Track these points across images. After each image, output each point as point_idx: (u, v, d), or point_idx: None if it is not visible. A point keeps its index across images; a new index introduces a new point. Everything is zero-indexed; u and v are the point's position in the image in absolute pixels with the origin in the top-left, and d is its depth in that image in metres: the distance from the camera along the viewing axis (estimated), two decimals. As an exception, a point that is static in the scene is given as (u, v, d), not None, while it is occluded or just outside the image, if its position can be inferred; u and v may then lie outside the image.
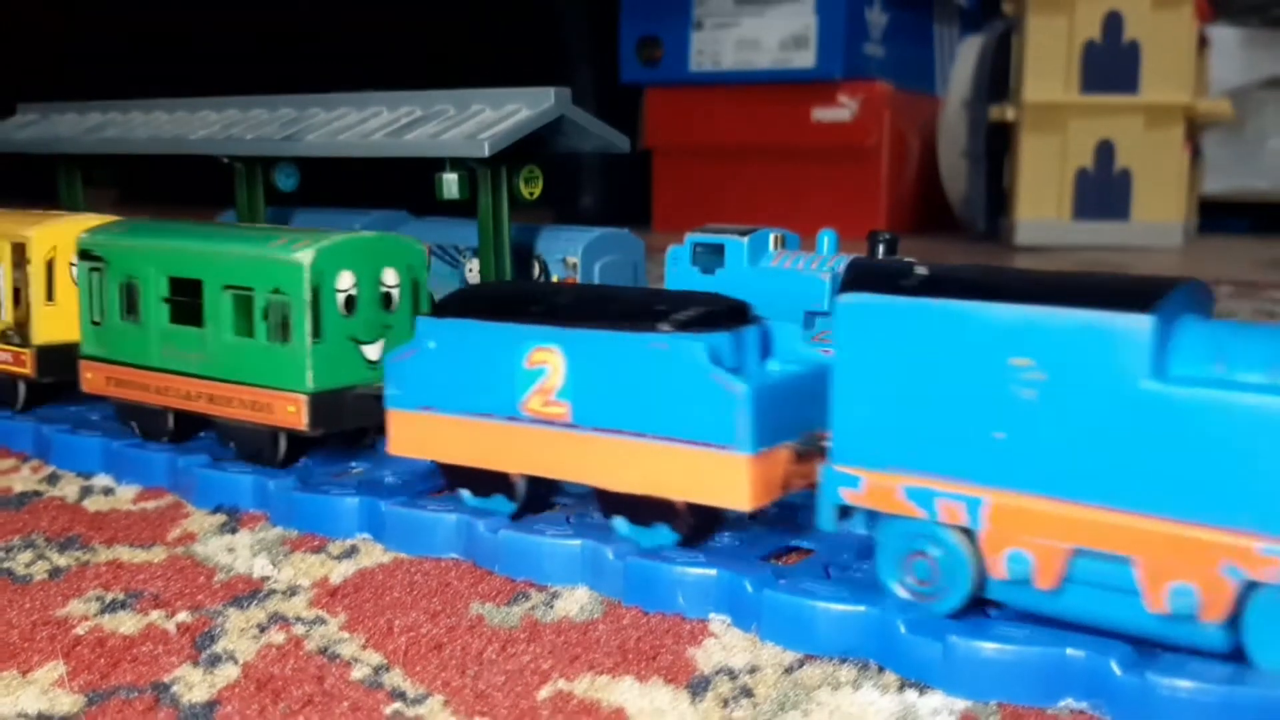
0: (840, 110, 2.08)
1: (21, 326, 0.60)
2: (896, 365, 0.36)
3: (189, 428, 0.56)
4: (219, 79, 1.09)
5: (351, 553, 0.45)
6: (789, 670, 0.35)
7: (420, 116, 0.55)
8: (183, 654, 0.37)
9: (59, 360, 0.60)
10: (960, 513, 0.35)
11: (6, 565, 0.44)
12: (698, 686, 0.34)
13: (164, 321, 0.54)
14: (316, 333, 0.49)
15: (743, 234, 0.58)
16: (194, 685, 0.34)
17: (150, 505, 0.51)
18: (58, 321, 0.60)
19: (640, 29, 2.18)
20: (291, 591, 0.42)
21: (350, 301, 0.50)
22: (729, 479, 0.39)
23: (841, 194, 2.09)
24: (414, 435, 0.46)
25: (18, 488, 0.54)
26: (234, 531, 0.48)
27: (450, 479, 0.47)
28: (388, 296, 0.51)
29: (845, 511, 0.38)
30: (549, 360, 0.43)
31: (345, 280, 0.50)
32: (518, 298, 0.45)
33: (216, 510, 0.50)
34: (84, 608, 0.40)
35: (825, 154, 2.10)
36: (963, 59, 2.03)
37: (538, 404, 0.43)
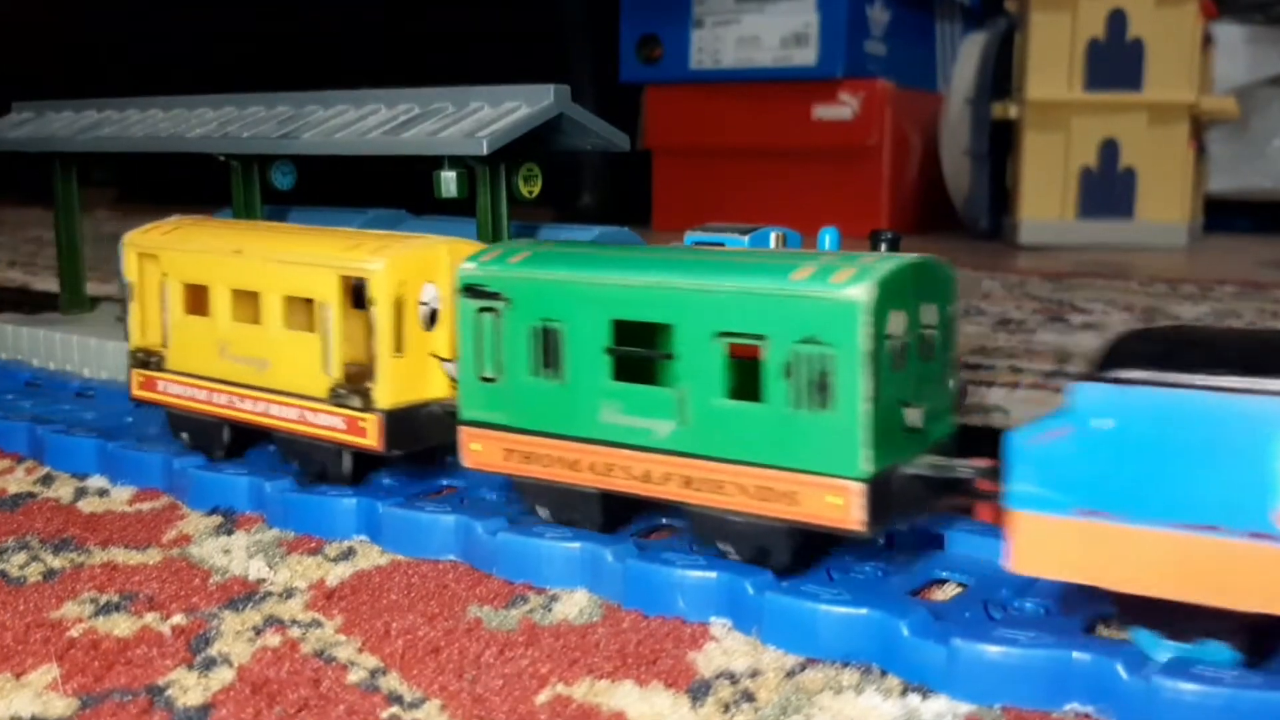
0: (842, 108, 2.08)
1: (358, 384, 0.47)
2: None
3: (626, 512, 0.45)
4: (217, 77, 1.08)
5: (348, 554, 0.45)
6: (791, 674, 0.35)
7: (418, 114, 0.55)
8: (177, 657, 0.36)
9: (409, 427, 0.47)
10: None
11: (0, 567, 0.44)
12: (698, 691, 0.34)
13: (604, 378, 0.42)
14: (875, 395, 0.37)
15: (744, 232, 0.58)
16: (189, 689, 0.34)
17: (145, 507, 0.51)
18: (407, 378, 0.47)
19: (640, 28, 2.18)
20: (288, 594, 0.41)
21: (903, 351, 0.38)
22: None
23: (843, 192, 2.09)
24: (1064, 550, 0.33)
25: (12, 489, 0.54)
26: (230, 533, 0.47)
27: (1127, 612, 0.34)
28: (925, 342, 0.40)
29: None
30: None
31: (897, 323, 0.38)
32: (1259, 350, 0.32)
33: (212, 512, 0.50)
34: (78, 610, 0.40)
35: (827, 152, 2.10)
36: (965, 56, 2.02)
37: None
